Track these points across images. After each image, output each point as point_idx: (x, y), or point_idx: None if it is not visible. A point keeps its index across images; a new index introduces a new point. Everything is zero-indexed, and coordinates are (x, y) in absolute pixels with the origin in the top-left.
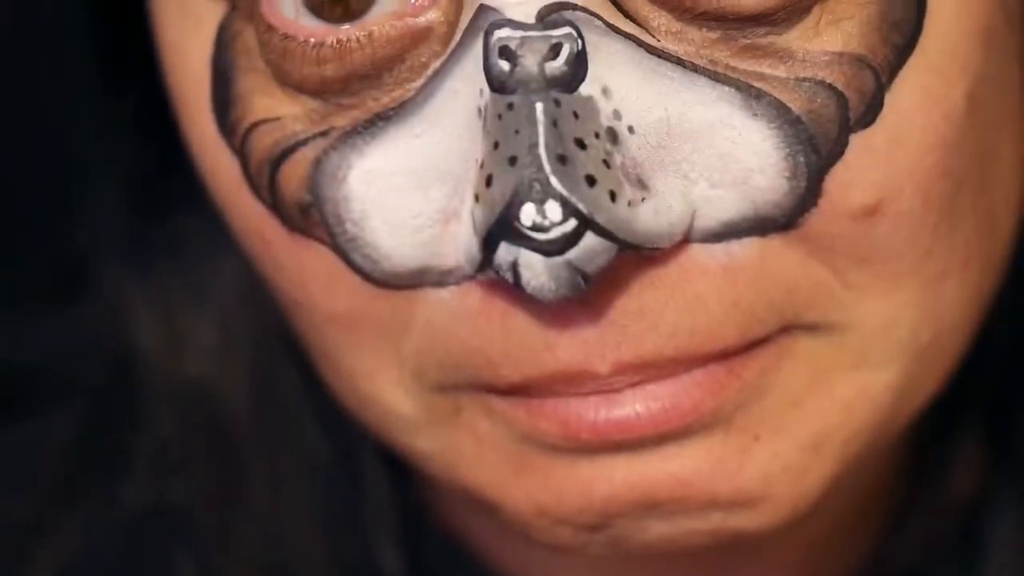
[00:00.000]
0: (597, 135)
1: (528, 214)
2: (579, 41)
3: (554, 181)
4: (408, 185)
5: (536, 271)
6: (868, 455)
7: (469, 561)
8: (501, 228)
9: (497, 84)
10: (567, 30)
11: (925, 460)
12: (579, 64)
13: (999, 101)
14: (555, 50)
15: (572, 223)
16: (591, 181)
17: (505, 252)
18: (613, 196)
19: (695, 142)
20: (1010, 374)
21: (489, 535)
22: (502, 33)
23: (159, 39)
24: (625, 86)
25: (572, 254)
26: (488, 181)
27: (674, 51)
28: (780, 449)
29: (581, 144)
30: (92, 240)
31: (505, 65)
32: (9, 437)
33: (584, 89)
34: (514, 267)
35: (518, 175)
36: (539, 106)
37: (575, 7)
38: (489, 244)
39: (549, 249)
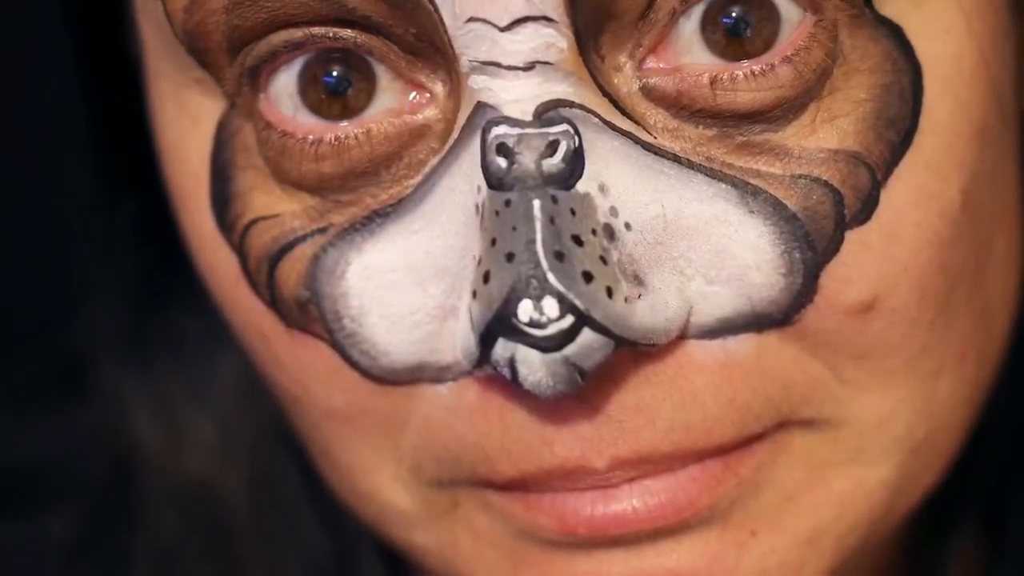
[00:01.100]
0: (594, 232)
1: (525, 310)
2: (576, 138)
3: (551, 278)
4: (406, 281)
5: (533, 367)
6: (864, 550)
7: None
8: (499, 324)
9: (495, 181)
10: (564, 127)
11: (920, 557)
12: (576, 161)
13: (994, 197)
14: (552, 147)
15: (569, 319)
16: (588, 278)
17: (502, 348)
18: (610, 292)
19: (691, 239)
20: (1006, 471)
21: None
22: (499, 131)
23: (158, 138)
24: (622, 183)
25: (569, 350)
26: (486, 277)
27: (671, 148)
28: (777, 544)
29: (578, 241)
30: (92, 337)
31: (502, 162)
32: (9, 535)
33: (581, 186)
34: (511, 363)
35: (515, 271)
36: (536, 203)
37: (572, 104)
38: (487, 340)
39: (546, 345)
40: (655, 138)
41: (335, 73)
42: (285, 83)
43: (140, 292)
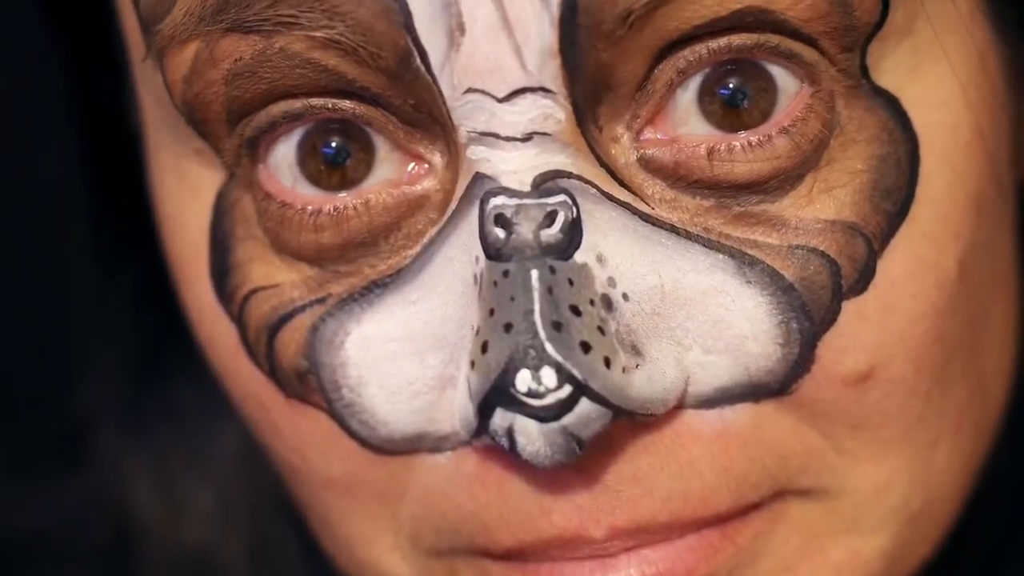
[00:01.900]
0: (592, 302)
1: (523, 380)
2: (574, 209)
3: (549, 348)
4: (405, 351)
5: (531, 437)
6: None
7: None
8: (497, 394)
9: (493, 252)
10: (562, 198)
11: None
12: (574, 232)
13: (990, 268)
14: (550, 218)
15: (567, 389)
16: (586, 348)
17: (501, 418)
18: (608, 363)
19: (689, 309)
20: (1003, 539)
21: None
22: (498, 201)
23: (158, 208)
24: (620, 253)
25: (567, 420)
26: (484, 347)
27: (668, 219)
28: None
29: (576, 311)
30: (92, 406)
31: (501, 233)
32: None
33: (579, 256)
34: (510, 433)
35: (513, 341)
36: (534, 273)
37: (570, 175)
38: (485, 410)
39: (544, 415)
40: (653, 209)
41: (334, 144)
42: (284, 154)
43: (140, 361)
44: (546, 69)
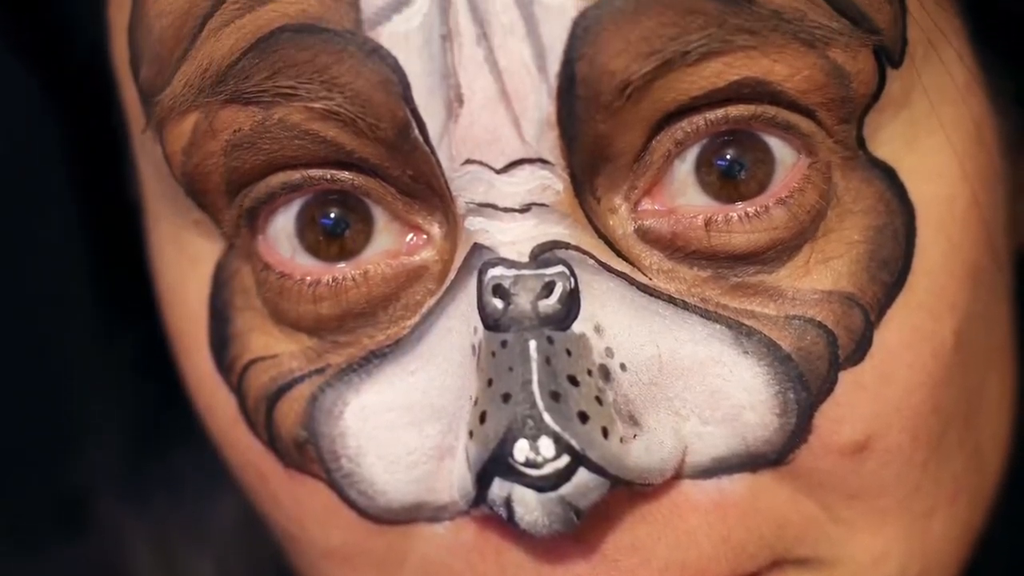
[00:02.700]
0: (590, 372)
1: (521, 450)
2: (572, 279)
3: (547, 418)
4: (403, 421)
5: (529, 507)
6: None
7: None
8: (495, 464)
9: (491, 322)
10: (560, 268)
11: None
12: (572, 302)
13: (987, 338)
14: (548, 288)
15: (565, 459)
16: (584, 418)
17: (499, 488)
18: (605, 433)
19: (686, 379)
20: None
21: None
22: (496, 272)
23: (157, 279)
24: (617, 324)
25: (565, 490)
26: (482, 418)
27: (666, 289)
28: None
29: (574, 381)
30: (91, 475)
31: (499, 303)
32: None
33: (577, 327)
34: (508, 503)
35: (512, 412)
36: (532, 344)
37: (568, 246)
38: (483, 480)
39: (542, 485)
40: (650, 279)
41: (333, 215)
42: (283, 224)
43: (139, 430)
44: (544, 140)
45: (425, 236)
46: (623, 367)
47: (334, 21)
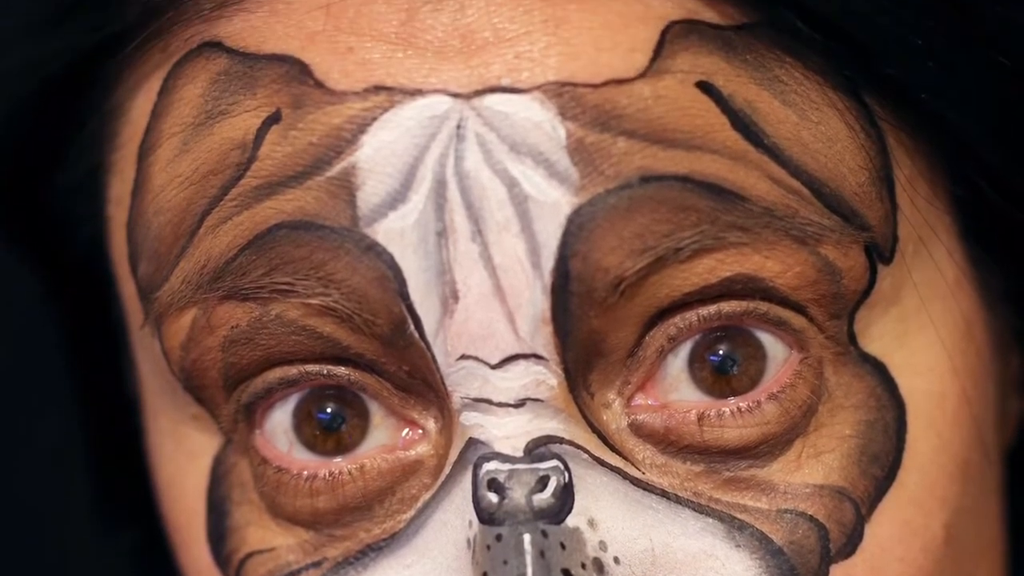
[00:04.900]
0: (584, 565)
1: None
2: (566, 474)
3: None
4: None
5: None
6: None
7: None
8: None
9: (486, 516)
10: (554, 463)
11: None
12: (566, 496)
13: (977, 532)
14: (542, 483)
15: None
16: None
17: None
18: None
19: (680, 572)
20: None
21: None
22: (490, 466)
23: (155, 473)
24: (611, 517)
25: None
26: None
27: (659, 483)
28: None
29: (568, 574)
30: None
31: (493, 498)
32: None
33: (571, 520)
34: None
35: None
36: (527, 537)
37: (562, 440)
38: None
39: None
40: (644, 473)
41: (329, 410)
42: (280, 419)
43: None
44: (539, 336)
45: (420, 431)
46: (617, 560)
47: (331, 218)
